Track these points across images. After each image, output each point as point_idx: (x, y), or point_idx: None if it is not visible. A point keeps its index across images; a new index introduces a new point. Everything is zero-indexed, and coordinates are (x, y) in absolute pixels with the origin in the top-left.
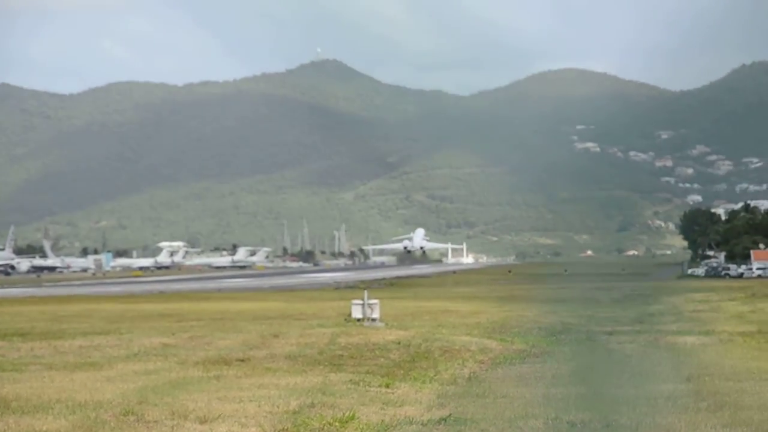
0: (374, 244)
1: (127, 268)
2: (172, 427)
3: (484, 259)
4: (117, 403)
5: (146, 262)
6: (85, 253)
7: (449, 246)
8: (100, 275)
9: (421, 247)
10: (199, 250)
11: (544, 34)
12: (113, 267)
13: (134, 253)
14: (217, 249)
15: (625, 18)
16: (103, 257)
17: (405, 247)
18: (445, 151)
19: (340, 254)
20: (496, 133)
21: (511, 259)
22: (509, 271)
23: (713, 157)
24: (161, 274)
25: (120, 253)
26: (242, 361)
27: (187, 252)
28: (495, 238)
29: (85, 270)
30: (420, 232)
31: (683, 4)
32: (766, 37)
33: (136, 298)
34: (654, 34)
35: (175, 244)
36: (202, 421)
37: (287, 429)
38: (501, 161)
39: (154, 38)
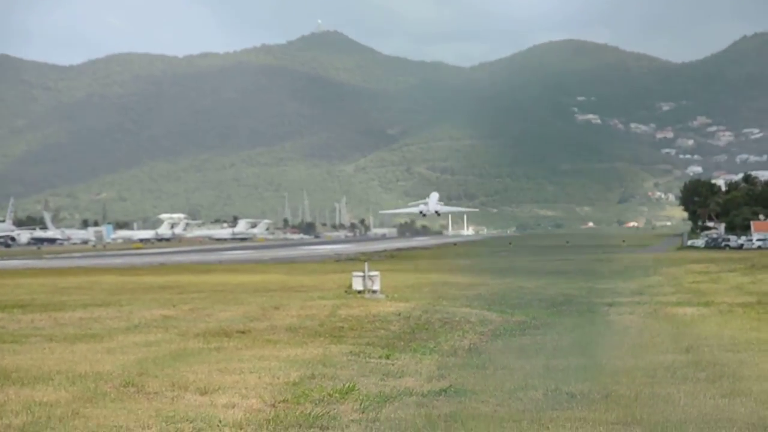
0: (374, 216)
1: (127, 240)
2: (173, 399)
3: (484, 231)
4: (117, 374)
5: (147, 234)
6: (85, 225)
7: (465, 210)
8: (100, 247)
9: (437, 211)
10: (199, 222)
11: (545, 5)
12: (114, 239)
13: (135, 225)
14: (217, 221)
15: None
16: (103, 229)
17: (420, 211)
18: (445, 123)
19: (341, 226)
20: (496, 104)
21: (511, 231)
22: (510, 243)
23: (713, 129)
24: (162, 246)
25: (120, 225)
26: (243, 332)
27: (187, 224)
28: (495, 210)
29: (85, 242)
30: (434, 196)
31: None
32: (766, 7)
33: (137, 270)
34: (655, 5)
35: (176, 216)
36: (203, 392)
37: (287, 400)
38: (502, 133)
39: (153, 10)
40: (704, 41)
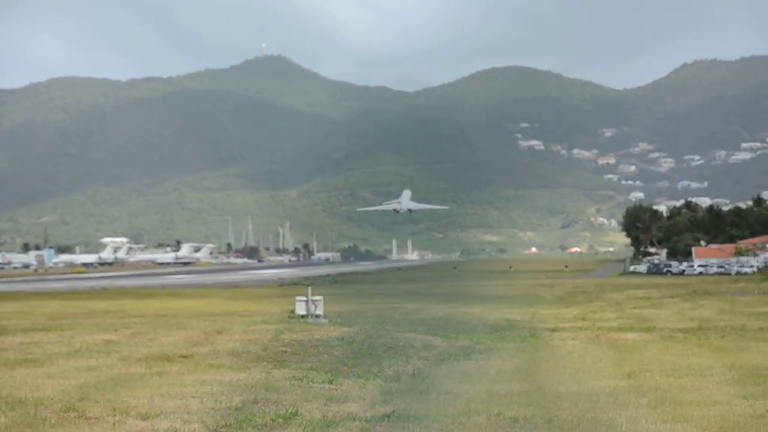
0: (318, 240)
1: (69, 264)
2: (114, 424)
3: (429, 256)
4: (58, 399)
5: (90, 258)
6: (26, 249)
7: (435, 207)
8: (42, 271)
9: (410, 209)
10: (142, 246)
11: (490, 32)
12: (56, 263)
13: (77, 249)
14: (160, 245)
15: (568, 17)
16: (45, 253)
17: (394, 209)
18: (389, 148)
19: (285, 250)
20: (440, 130)
21: (456, 256)
22: (454, 268)
23: (655, 155)
24: (104, 270)
25: (62, 249)
26: (185, 357)
27: (130, 248)
28: (440, 235)
29: (26, 266)
30: (407, 194)
31: (626, 3)
32: (705, 35)
33: (79, 294)
34: (597, 33)
35: (118, 240)
36: (144, 417)
37: (230, 425)
38: (446, 158)
39: (97, 33)
40: (646, 68)
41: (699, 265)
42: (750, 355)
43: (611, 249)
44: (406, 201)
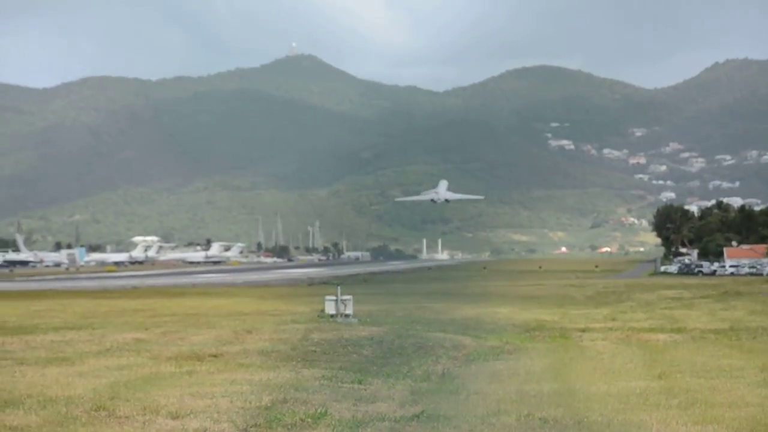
0: (348, 240)
1: (101, 263)
2: (144, 423)
3: (459, 256)
4: (88, 398)
5: (120, 257)
6: (58, 247)
7: (472, 197)
8: (73, 270)
9: (446, 199)
10: (173, 245)
11: (519, 31)
12: (87, 262)
13: (108, 248)
14: (191, 244)
15: (599, 15)
16: (76, 252)
17: (432, 199)
18: (419, 148)
19: (314, 250)
20: (470, 130)
21: (485, 256)
22: (484, 268)
23: (686, 155)
24: (135, 269)
25: (93, 248)
26: (215, 356)
27: (161, 247)
28: (470, 235)
29: (58, 265)
30: (444, 185)
31: (657, 2)
32: (738, 35)
33: (110, 293)
34: (627, 32)
35: (149, 238)
36: (174, 416)
37: (259, 425)
38: (475, 158)
39: (127, 33)
40: (677, 68)
41: (731, 266)
42: None
43: (642, 249)
44: (443, 191)
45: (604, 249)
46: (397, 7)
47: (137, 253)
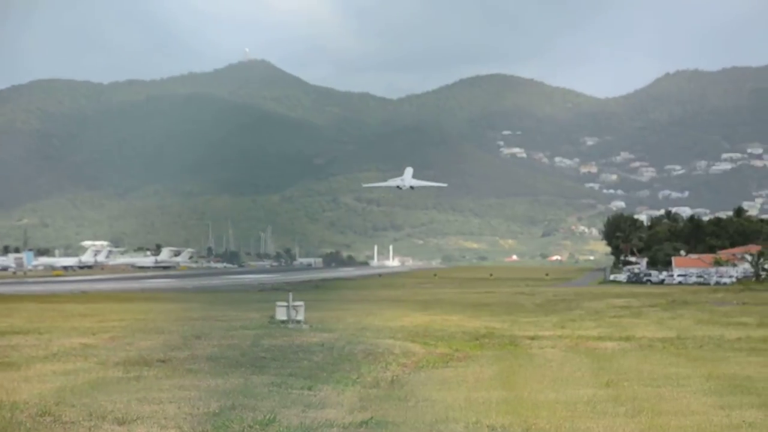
0: (300, 247)
1: (49, 267)
2: (90, 429)
3: (410, 262)
4: (34, 403)
5: (70, 261)
6: (5, 251)
7: (435, 184)
8: (21, 274)
9: (411, 186)
10: (122, 249)
11: (473, 39)
12: (35, 266)
13: (56, 252)
14: (140, 249)
15: (552, 25)
16: (24, 256)
17: (397, 186)
18: (372, 154)
19: (266, 255)
20: (423, 137)
21: (437, 263)
22: (435, 275)
23: (637, 164)
24: (84, 273)
25: (42, 252)
26: (163, 362)
27: (110, 251)
28: (421, 242)
29: (5, 268)
30: (409, 171)
31: (609, 13)
32: (688, 46)
33: (58, 297)
34: (580, 41)
35: (98, 243)
36: (121, 422)
37: (207, 431)
38: (428, 165)
39: (78, 36)
40: (628, 78)
41: (678, 275)
42: (728, 365)
43: (592, 258)
44: (408, 178)
45: (555, 257)
46: (351, 13)
47: (86, 258)
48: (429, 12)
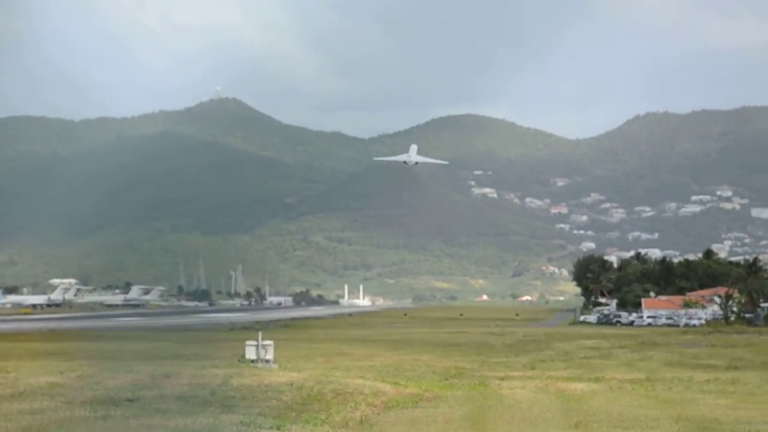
0: (270, 286)
1: (17, 305)
2: None
3: (380, 302)
4: None
5: (39, 299)
6: None
7: (437, 161)
8: None
9: (416, 162)
10: (91, 287)
11: (445, 79)
12: (3, 304)
13: (25, 290)
14: (109, 287)
15: (523, 66)
16: None
17: (404, 161)
18: (343, 193)
19: (237, 294)
20: (394, 176)
21: (407, 302)
22: (405, 314)
23: (607, 206)
24: (52, 311)
25: (10, 290)
26: (131, 401)
27: (79, 289)
28: (392, 281)
29: None
30: (414, 148)
31: (580, 54)
32: (658, 88)
33: (25, 335)
34: (551, 82)
35: (67, 281)
36: None
37: None
38: (399, 204)
39: (50, 73)
40: (599, 119)
41: (648, 316)
42: (696, 407)
43: (562, 298)
44: (413, 154)
45: (525, 297)
46: (324, 52)
47: (55, 296)
48: (401, 52)
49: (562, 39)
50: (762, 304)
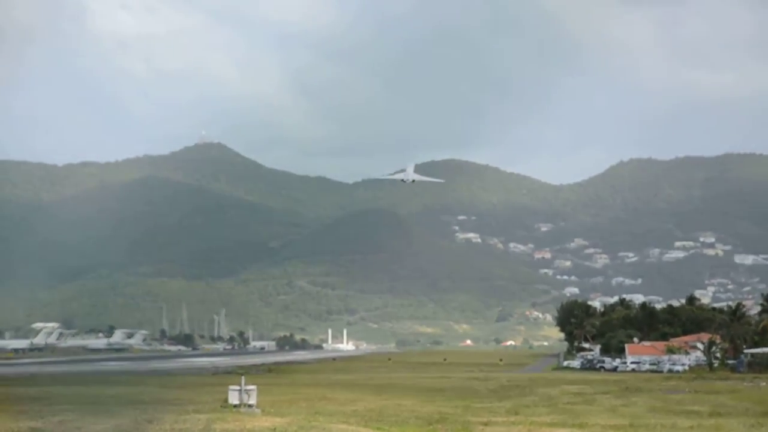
0: (253, 330)
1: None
2: None
3: (364, 346)
4: None
5: (21, 343)
6: None
7: (434, 180)
8: None
9: (413, 180)
10: (74, 331)
11: (428, 125)
12: None
13: (7, 335)
14: (92, 331)
15: (506, 112)
16: None
17: (402, 179)
18: (327, 238)
19: (220, 338)
20: (378, 220)
21: (391, 347)
22: (389, 359)
23: (590, 251)
24: (34, 356)
25: None
26: None
27: (61, 333)
28: (375, 325)
29: None
30: (411, 166)
31: (564, 101)
32: (642, 134)
33: (7, 380)
34: (534, 128)
35: (50, 325)
36: None
37: None
38: (382, 249)
39: (33, 117)
40: (582, 165)
41: (632, 362)
42: None
43: (546, 343)
44: (410, 173)
45: (509, 342)
46: (308, 97)
47: (38, 340)
48: (385, 98)
49: (548, 87)
50: (745, 351)
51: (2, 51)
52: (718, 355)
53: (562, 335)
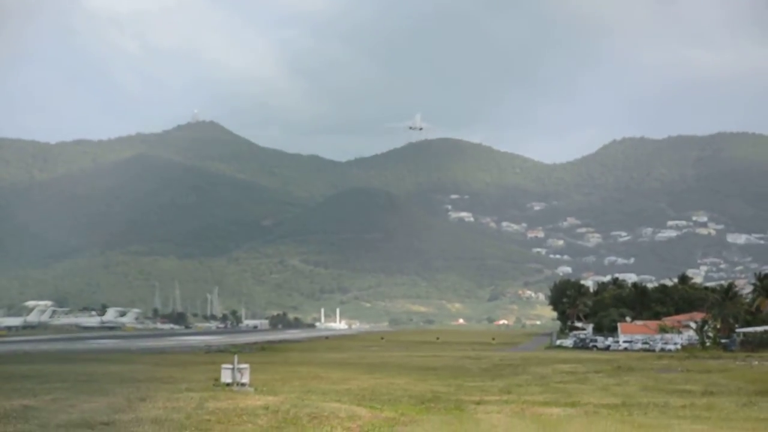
0: (246, 308)
1: None
2: None
3: (357, 325)
4: None
5: (14, 321)
6: None
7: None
8: None
9: (421, 128)
10: (67, 309)
11: (422, 104)
12: None
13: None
14: (85, 309)
15: (499, 91)
16: None
17: (410, 127)
18: (320, 217)
19: (212, 317)
20: (371, 199)
21: (384, 326)
22: (382, 338)
23: (583, 230)
24: (27, 333)
25: None
26: (106, 424)
27: (54, 311)
28: (368, 304)
29: None
30: (418, 115)
31: (556, 79)
32: (634, 113)
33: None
34: (528, 107)
35: (43, 303)
36: None
37: None
38: (375, 227)
39: (26, 95)
40: (575, 144)
41: (624, 341)
42: None
43: (538, 322)
44: (418, 120)
45: (501, 321)
46: (301, 76)
47: (31, 318)
48: (378, 76)
49: (540, 65)
50: (737, 330)
51: None
52: (711, 334)
53: (554, 314)
